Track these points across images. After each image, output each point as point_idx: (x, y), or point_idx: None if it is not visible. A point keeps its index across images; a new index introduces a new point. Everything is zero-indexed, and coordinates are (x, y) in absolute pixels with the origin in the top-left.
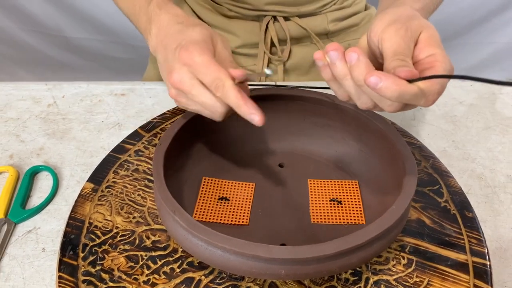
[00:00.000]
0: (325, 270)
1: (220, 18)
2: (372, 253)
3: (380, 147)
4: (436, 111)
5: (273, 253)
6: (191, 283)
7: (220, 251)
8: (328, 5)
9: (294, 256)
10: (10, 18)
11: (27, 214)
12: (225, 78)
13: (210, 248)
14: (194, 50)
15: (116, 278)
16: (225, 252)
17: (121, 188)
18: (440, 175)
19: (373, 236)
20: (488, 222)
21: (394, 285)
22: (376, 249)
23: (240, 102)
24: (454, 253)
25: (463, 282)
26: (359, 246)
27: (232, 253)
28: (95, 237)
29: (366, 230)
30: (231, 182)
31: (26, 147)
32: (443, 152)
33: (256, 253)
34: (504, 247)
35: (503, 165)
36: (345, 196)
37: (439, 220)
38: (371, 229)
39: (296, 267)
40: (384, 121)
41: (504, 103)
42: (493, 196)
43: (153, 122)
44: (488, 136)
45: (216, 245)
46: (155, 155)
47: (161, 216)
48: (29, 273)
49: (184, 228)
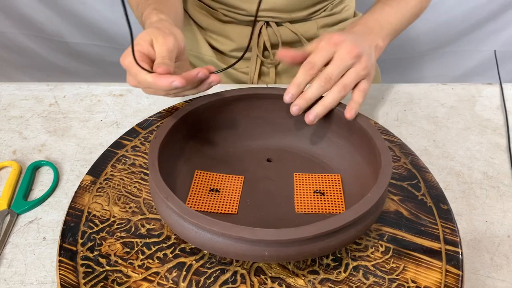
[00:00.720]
0: (307, 252)
1: (215, 23)
2: (350, 237)
3: (361, 143)
4: (419, 113)
5: (257, 235)
6: (183, 267)
7: (209, 234)
8: (318, 12)
9: (277, 238)
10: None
11: (29, 206)
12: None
13: (200, 231)
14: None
15: (112, 262)
16: (213, 235)
17: (118, 180)
18: (418, 171)
19: (350, 221)
20: (464, 216)
21: (372, 270)
22: (354, 233)
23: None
24: (428, 242)
25: (436, 267)
26: (337, 230)
27: (220, 236)
28: (93, 225)
29: (343, 215)
30: (222, 175)
31: (28, 143)
32: (424, 150)
33: (241, 235)
34: (478, 239)
35: (480, 163)
36: (328, 188)
37: (416, 211)
38: (348, 214)
39: (279, 248)
40: (365, 119)
41: (483, 106)
42: (470, 191)
43: (150, 120)
44: (467, 136)
45: (205, 228)
46: (150, 147)
47: (155, 203)
48: (30, 260)
49: (176, 213)
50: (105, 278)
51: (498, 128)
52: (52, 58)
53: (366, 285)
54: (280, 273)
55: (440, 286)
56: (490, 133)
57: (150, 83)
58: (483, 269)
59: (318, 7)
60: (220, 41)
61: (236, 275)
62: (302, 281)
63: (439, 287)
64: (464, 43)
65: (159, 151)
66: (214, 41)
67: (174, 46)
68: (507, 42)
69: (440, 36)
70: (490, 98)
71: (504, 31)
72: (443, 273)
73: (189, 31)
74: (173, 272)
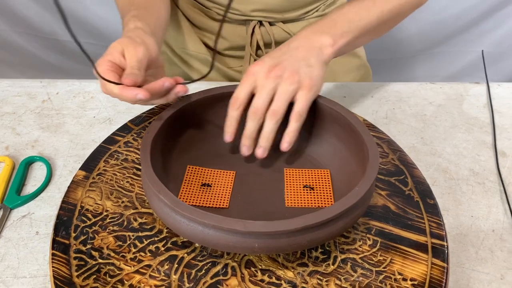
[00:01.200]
0: (296, 244)
1: (209, 22)
2: (338, 229)
3: (349, 139)
4: (407, 111)
5: (248, 227)
6: (175, 260)
7: (200, 226)
8: (311, 12)
9: (267, 230)
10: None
11: (22, 200)
12: (106, 82)
13: (192, 224)
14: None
15: (105, 255)
16: (205, 227)
17: (111, 175)
18: (405, 166)
19: (337, 213)
20: (451, 211)
21: (360, 263)
22: (341, 226)
23: (121, 91)
24: (415, 235)
25: (422, 260)
26: (325, 222)
27: (211, 228)
28: (86, 219)
29: (331, 208)
30: (214, 170)
31: (21, 139)
32: (412, 147)
33: (232, 227)
34: (463, 233)
35: (466, 159)
36: (317, 183)
37: (403, 206)
38: (336, 207)
39: (269, 240)
40: (353, 115)
41: (470, 104)
42: (456, 187)
43: (142, 117)
44: (454, 134)
45: (196, 221)
46: (142, 142)
47: (148, 197)
48: (23, 254)
49: (168, 206)
50: (98, 271)
51: (484, 126)
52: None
53: (354, 277)
54: (270, 265)
55: (425, 278)
56: (477, 131)
57: (117, 94)
58: (468, 263)
59: (311, 8)
60: (214, 40)
61: (227, 267)
62: (291, 273)
63: (425, 279)
64: (453, 44)
65: (152, 146)
66: (208, 40)
67: (144, 55)
68: (496, 43)
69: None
70: (477, 96)
71: (492, 33)
72: (429, 265)
73: (183, 30)
74: (165, 265)
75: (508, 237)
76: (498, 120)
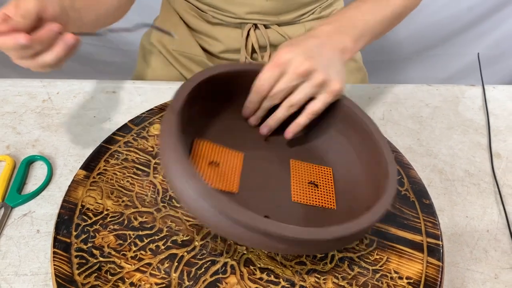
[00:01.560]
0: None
1: (204, 25)
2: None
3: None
4: (404, 112)
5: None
6: (175, 259)
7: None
8: (306, 15)
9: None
10: None
11: (23, 199)
12: None
13: (223, 219)
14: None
15: (106, 253)
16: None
17: (111, 175)
18: (402, 167)
19: (367, 226)
20: (446, 211)
21: (357, 261)
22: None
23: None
24: (411, 234)
25: (418, 259)
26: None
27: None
28: (87, 218)
29: (362, 221)
30: (222, 148)
31: (22, 138)
32: (408, 148)
33: (282, 233)
34: (458, 233)
35: (462, 161)
36: (321, 180)
37: (399, 206)
38: (365, 220)
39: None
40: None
41: (466, 106)
42: (452, 188)
43: (142, 117)
44: (450, 135)
45: (229, 216)
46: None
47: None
48: (24, 252)
49: (200, 195)
50: (99, 269)
51: (479, 128)
52: None
53: (351, 276)
54: (268, 264)
55: (421, 277)
56: (472, 133)
57: None
58: (463, 262)
59: (306, 10)
60: (209, 43)
61: (226, 266)
62: (289, 272)
63: (420, 277)
64: (449, 46)
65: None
66: (204, 42)
67: (34, 6)
68: (491, 45)
69: (426, 39)
70: (472, 99)
71: (488, 35)
72: (424, 264)
73: (180, 32)
74: (165, 263)
75: (502, 237)
76: (493, 122)
